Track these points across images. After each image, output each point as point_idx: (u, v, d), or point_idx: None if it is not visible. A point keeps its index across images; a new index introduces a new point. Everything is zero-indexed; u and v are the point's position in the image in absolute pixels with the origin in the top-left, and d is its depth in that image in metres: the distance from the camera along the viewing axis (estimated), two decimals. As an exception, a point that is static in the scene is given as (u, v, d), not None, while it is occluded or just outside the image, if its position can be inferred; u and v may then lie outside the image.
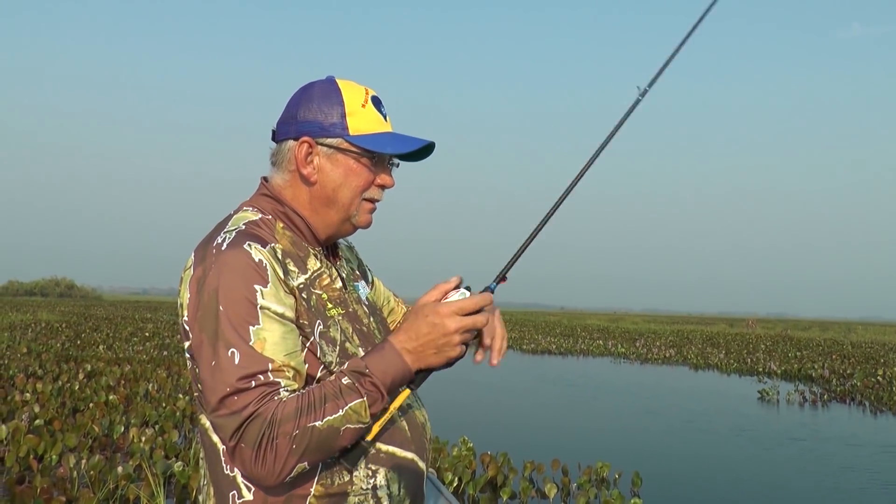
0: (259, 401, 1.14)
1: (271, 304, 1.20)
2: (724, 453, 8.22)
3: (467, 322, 1.22)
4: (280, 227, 1.33)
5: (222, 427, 1.15)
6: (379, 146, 1.33)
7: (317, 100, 1.33)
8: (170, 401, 8.95)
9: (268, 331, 1.18)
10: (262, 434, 1.12)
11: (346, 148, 1.32)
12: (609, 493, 5.75)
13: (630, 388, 14.40)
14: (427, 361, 1.23)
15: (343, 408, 1.16)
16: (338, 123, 1.31)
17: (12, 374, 10.90)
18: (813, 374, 16.64)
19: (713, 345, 27.78)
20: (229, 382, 1.14)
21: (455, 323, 1.22)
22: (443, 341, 1.22)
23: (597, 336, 32.12)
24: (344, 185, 1.33)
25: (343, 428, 1.16)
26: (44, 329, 22.28)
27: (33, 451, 6.18)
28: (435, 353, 1.22)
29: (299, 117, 1.33)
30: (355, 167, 1.33)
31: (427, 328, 1.22)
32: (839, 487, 6.81)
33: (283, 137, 1.35)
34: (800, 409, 11.93)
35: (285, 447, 1.12)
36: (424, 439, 1.39)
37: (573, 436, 9.14)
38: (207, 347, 1.18)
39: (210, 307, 1.18)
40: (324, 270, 1.36)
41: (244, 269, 1.20)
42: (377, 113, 1.35)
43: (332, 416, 1.15)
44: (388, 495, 1.29)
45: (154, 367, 12.42)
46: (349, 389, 1.17)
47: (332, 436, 1.15)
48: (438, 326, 1.21)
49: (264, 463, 1.12)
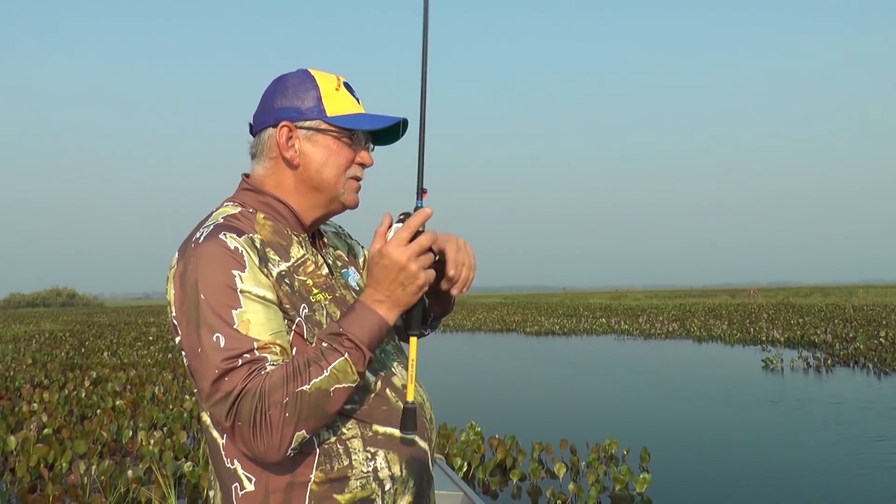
0: (246, 378, 1.14)
1: (251, 287, 1.21)
2: (730, 423, 8.26)
3: (413, 248, 1.23)
4: (261, 218, 1.34)
5: (217, 412, 1.16)
6: (356, 124, 1.36)
7: (292, 87, 1.36)
8: (177, 402, 8.99)
9: (251, 312, 1.20)
10: (254, 408, 1.12)
11: (325, 128, 1.35)
12: (618, 469, 5.79)
13: (635, 364, 14.45)
14: (402, 301, 1.24)
15: (327, 368, 1.16)
16: (314, 106, 1.35)
17: (18, 385, 10.94)
18: (816, 340, 16.69)
19: (716, 316, 27.85)
20: (216, 366, 1.15)
21: (402, 253, 1.22)
22: (402, 276, 1.22)
23: (599, 314, 32.19)
24: (326, 165, 1.35)
25: (332, 388, 1.17)
26: (48, 339, 22.33)
27: (43, 459, 6.21)
28: (402, 289, 1.23)
29: (276, 105, 1.35)
30: (335, 146, 1.36)
31: (381, 272, 1.23)
32: (849, 452, 6.85)
33: (261, 127, 1.38)
34: (804, 376, 11.98)
35: (278, 416, 1.13)
36: (424, 419, 1.40)
37: (580, 415, 9.19)
38: (193, 336, 1.19)
39: (192, 298, 1.20)
40: (308, 257, 1.36)
41: (220, 257, 1.21)
42: (350, 96, 1.39)
43: (317, 378, 1.15)
44: (391, 477, 1.29)
45: (159, 371, 12.46)
46: (330, 350, 1.18)
47: (322, 398, 1.16)
48: (389, 265, 1.22)
49: (262, 437, 1.13)
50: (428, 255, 1.25)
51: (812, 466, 6.33)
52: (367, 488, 1.27)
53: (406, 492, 1.33)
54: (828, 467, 6.28)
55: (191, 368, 1.22)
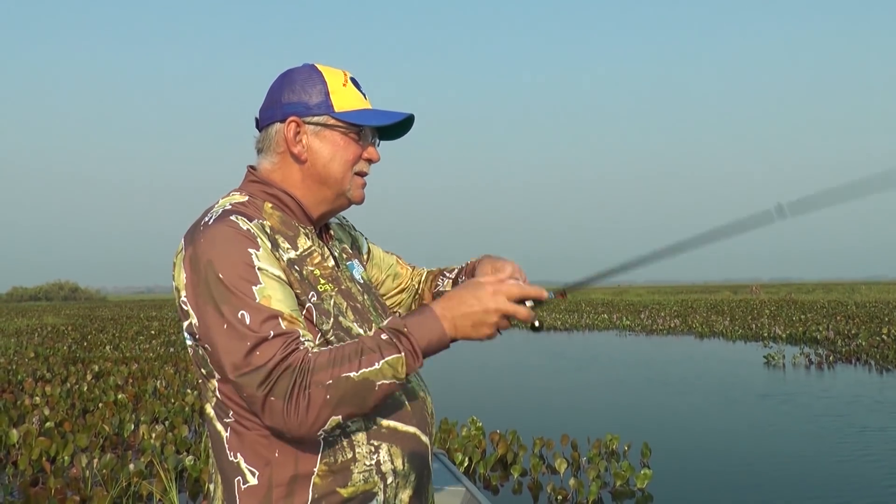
0: (284, 350, 1.14)
1: (267, 266, 1.22)
2: (732, 419, 8.26)
3: (510, 307, 1.22)
4: (268, 207, 1.34)
5: (248, 384, 1.14)
6: (364, 119, 1.36)
7: (299, 82, 1.36)
8: (178, 396, 9.00)
9: (270, 288, 1.19)
10: (293, 383, 1.11)
11: (332, 124, 1.35)
12: (619, 465, 5.79)
13: (636, 359, 14.45)
14: (462, 332, 1.23)
15: (380, 361, 1.15)
16: (322, 102, 1.34)
17: (21, 378, 10.95)
18: (818, 337, 16.66)
19: (718, 312, 27.84)
20: (246, 338, 1.15)
21: (498, 303, 1.21)
22: (481, 317, 1.21)
23: (601, 310, 32.17)
24: (334, 160, 1.35)
25: (379, 382, 1.15)
26: (50, 333, 22.36)
27: (45, 452, 6.23)
28: (472, 326, 1.22)
29: (283, 100, 1.35)
30: (343, 142, 1.36)
31: (472, 300, 1.21)
32: (852, 449, 6.85)
33: (268, 122, 1.37)
34: (806, 372, 11.97)
35: (319, 396, 1.12)
36: (426, 413, 1.40)
37: (581, 410, 9.18)
38: (215, 316, 1.18)
39: (209, 278, 1.19)
40: (315, 249, 1.37)
41: (234, 237, 1.21)
42: (357, 92, 1.39)
43: (368, 368, 1.14)
44: (393, 470, 1.30)
45: (161, 365, 12.48)
46: (388, 344, 1.17)
47: (366, 389, 1.15)
48: (483, 301, 1.21)
49: (297, 413, 1.12)
50: (508, 322, 1.24)
51: (813, 463, 6.32)
52: (369, 481, 1.27)
53: (407, 485, 1.33)
54: (829, 463, 6.28)
55: (212, 347, 1.20)
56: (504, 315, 1.22)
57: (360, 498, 1.26)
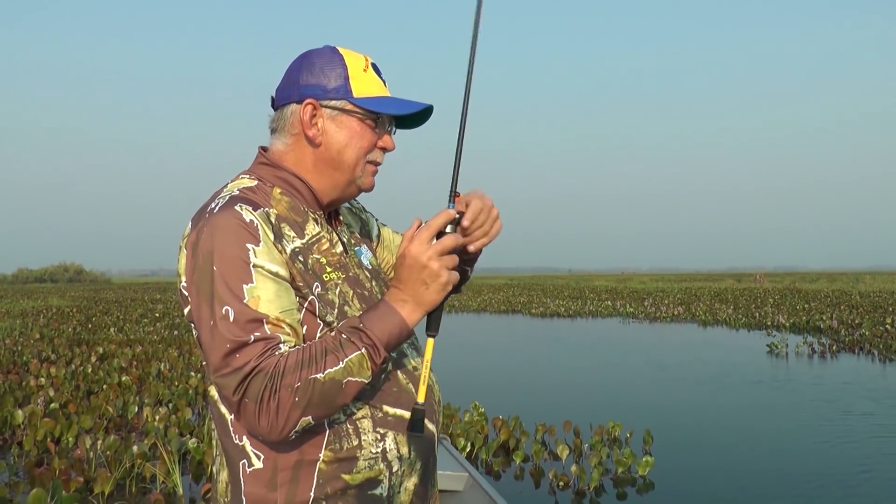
0: (260, 356, 1.14)
1: (264, 262, 1.21)
2: (734, 408, 8.26)
3: (436, 247, 1.22)
4: (277, 193, 1.33)
5: (225, 385, 1.15)
6: (383, 107, 1.34)
7: (319, 64, 1.33)
8: (182, 379, 9.04)
9: (261, 289, 1.19)
10: (263, 387, 1.12)
11: (350, 109, 1.33)
12: (621, 452, 5.80)
13: (639, 347, 14.46)
14: (425, 300, 1.23)
15: (343, 360, 1.16)
16: (341, 86, 1.32)
17: (26, 359, 11.02)
18: (821, 326, 16.65)
19: (721, 301, 27.82)
20: (228, 339, 1.15)
21: (425, 253, 1.21)
22: (425, 274, 1.21)
23: (605, 297, 32.19)
24: (349, 147, 1.33)
25: (345, 381, 1.16)
26: (55, 314, 22.47)
27: (50, 434, 6.27)
28: (425, 288, 1.22)
29: (301, 81, 1.33)
30: (359, 129, 1.34)
31: (405, 272, 1.23)
32: (853, 438, 6.85)
33: (284, 102, 1.35)
34: (808, 361, 11.96)
35: (288, 399, 1.13)
36: (433, 401, 1.40)
37: (584, 397, 9.20)
38: (205, 308, 1.19)
39: (205, 269, 1.19)
40: (323, 235, 1.35)
41: (235, 229, 1.20)
42: (377, 78, 1.37)
43: (332, 368, 1.15)
44: (399, 458, 1.29)
45: (165, 347, 12.52)
46: (348, 343, 1.18)
47: (334, 388, 1.15)
48: (412, 264, 1.22)
49: (267, 416, 1.13)
50: (452, 257, 1.24)
51: (815, 452, 6.33)
52: (374, 468, 1.27)
53: (413, 473, 1.33)
54: (831, 453, 6.28)
55: (199, 340, 1.22)
56: (439, 255, 1.22)
57: (365, 485, 1.26)
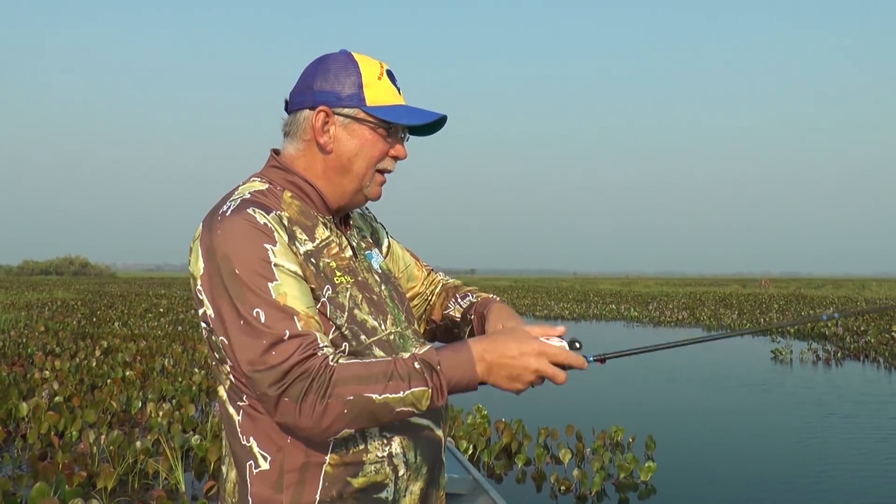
0: (301, 352, 1.13)
1: (284, 261, 1.21)
2: (738, 413, 8.24)
3: (549, 370, 1.21)
4: (287, 197, 1.33)
5: (262, 380, 1.14)
6: (396, 117, 1.33)
7: (333, 71, 1.33)
8: (186, 375, 9.05)
9: (286, 285, 1.19)
10: (308, 389, 1.11)
11: (362, 118, 1.33)
12: (623, 457, 5.79)
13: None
14: (495, 380, 1.22)
15: (405, 391, 1.15)
16: (355, 94, 1.32)
17: (31, 352, 11.06)
18: (826, 332, 16.59)
19: (726, 306, 27.75)
20: (263, 336, 1.14)
21: (539, 363, 1.21)
22: (518, 372, 1.20)
23: (609, 300, 32.14)
24: (359, 155, 1.33)
25: (398, 409, 1.16)
26: (60, 307, 22.54)
27: (54, 427, 6.29)
28: (506, 377, 1.21)
29: (315, 87, 1.33)
30: (371, 137, 1.33)
31: (514, 352, 1.21)
32: (857, 446, 6.82)
33: (297, 107, 1.35)
34: (813, 368, 11.92)
35: (337, 408, 1.12)
36: (440, 407, 1.39)
37: (587, 401, 9.19)
38: (230, 311, 1.18)
39: (225, 272, 1.19)
40: (333, 239, 1.35)
41: (251, 232, 1.20)
42: (392, 86, 1.37)
43: (392, 394, 1.14)
44: (405, 463, 1.30)
45: (169, 343, 12.55)
46: (418, 375, 1.16)
47: (385, 412, 1.15)
48: (524, 357, 1.20)
49: (311, 417, 1.12)
50: (553, 371, 1.22)
51: (818, 459, 6.30)
52: (380, 473, 1.27)
53: (419, 478, 1.33)
54: (835, 460, 6.25)
55: (228, 341, 1.19)
56: (540, 373, 1.21)
57: (370, 488, 1.26)
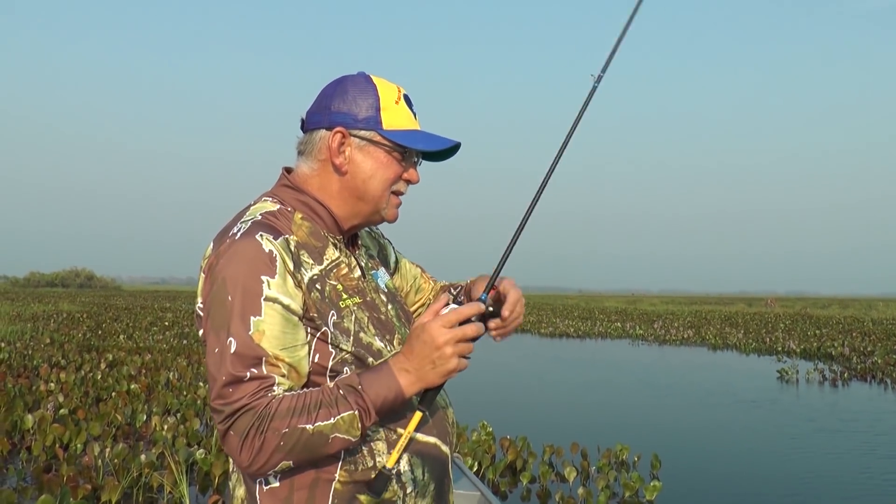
0: (253, 395, 1.17)
1: (278, 295, 1.22)
2: (743, 433, 8.19)
3: (456, 333, 1.23)
4: (298, 218, 1.34)
5: (216, 415, 1.19)
6: (411, 142, 1.35)
7: (351, 92, 1.35)
8: (191, 389, 9.05)
9: (268, 323, 1.20)
10: (251, 426, 1.15)
11: (378, 141, 1.34)
12: (629, 475, 5.76)
13: (648, 369, 14.37)
14: (426, 379, 1.24)
15: (334, 417, 1.18)
16: (372, 117, 1.34)
17: (36, 364, 11.08)
18: (833, 353, 16.50)
19: (732, 325, 27.63)
20: (225, 372, 1.18)
21: (443, 336, 1.22)
22: (436, 355, 1.22)
23: (615, 318, 32.04)
24: (374, 177, 1.35)
25: (332, 436, 1.18)
26: (65, 319, 22.57)
27: (59, 439, 6.29)
28: (431, 368, 1.23)
29: (333, 108, 1.34)
30: (386, 160, 1.35)
31: (419, 345, 1.23)
32: (862, 466, 6.77)
33: (314, 127, 1.37)
34: (819, 388, 11.85)
35: (273, 442, 1.15)
36: (447, 423, 1.41)
37: (592, 419, 9.15)
38: (212, 335, 1.22)
39: (219, 295, 1.21)
40: (342, 260, 1.37)
41: (253, 259, 1.22)
42: (409, 111, 1.38)
43: (323, 422, 1.17)
44: (413, 480, 1.30)
45: (174, 356, 12.55)
46: (343, 400, 1.19)
47: (320, 441, 1.18)
48: (428, 341, 1.22)
49: (250, 452, 1.16)
50: (468, 345, 1.25)
51: (824, 479, 6.25)
52: (389, 490, 1.28)
53: (427, 494, 1.34)
54: (840, 481, 6.21)
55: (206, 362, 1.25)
56: (456, 342, 1.23)
57: None
